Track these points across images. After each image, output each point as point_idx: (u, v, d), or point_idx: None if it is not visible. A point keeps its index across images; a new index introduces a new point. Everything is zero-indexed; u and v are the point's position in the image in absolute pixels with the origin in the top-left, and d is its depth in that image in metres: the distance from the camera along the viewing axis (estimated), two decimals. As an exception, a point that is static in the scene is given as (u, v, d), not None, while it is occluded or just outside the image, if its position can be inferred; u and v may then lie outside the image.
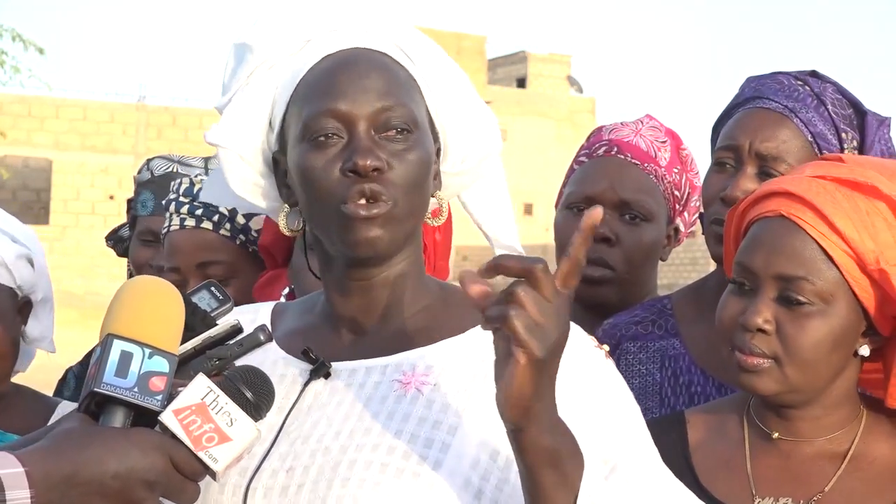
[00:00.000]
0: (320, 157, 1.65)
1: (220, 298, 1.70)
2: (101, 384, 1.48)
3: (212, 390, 1.50)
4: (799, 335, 1.92)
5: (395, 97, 1.67)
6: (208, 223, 2.72)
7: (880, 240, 1.91)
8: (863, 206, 1.93)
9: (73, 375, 3.16)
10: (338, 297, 1.73)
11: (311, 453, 1.61)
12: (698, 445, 2.06)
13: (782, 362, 1.93)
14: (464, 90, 1.77)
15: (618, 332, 2.51)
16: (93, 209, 35.68)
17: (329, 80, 1.67)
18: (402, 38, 1.73)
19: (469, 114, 1.77)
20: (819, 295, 1.92)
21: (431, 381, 1.64)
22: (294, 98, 1.70)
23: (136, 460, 1.45)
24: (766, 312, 1.94)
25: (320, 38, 1.72)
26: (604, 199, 2.68)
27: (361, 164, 1.62)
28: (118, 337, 1.51)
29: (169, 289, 1.59)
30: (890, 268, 1.90)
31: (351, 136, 1.65)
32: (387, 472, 1.56)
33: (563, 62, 56.85)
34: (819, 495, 1.95)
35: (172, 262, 2.73)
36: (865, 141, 2.32)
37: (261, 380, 1.55)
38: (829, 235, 1.91)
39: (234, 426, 1.49)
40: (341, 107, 1.65)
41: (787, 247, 1.94)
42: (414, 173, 1.66)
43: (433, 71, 1.74)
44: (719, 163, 2.34)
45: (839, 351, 1.94)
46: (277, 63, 1.73)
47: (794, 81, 2.34)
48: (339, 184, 1.64)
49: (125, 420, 1.50)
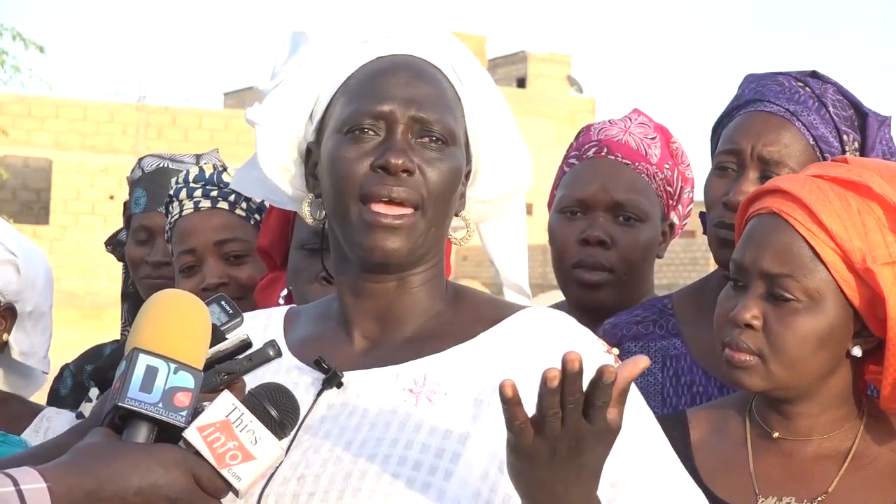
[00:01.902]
0: (354, 149, 1.67)
1: (230, 313, 1.68)
2: (126, 399, 1.48)
3: (236, 408, 1.49)
4: (784, 332, 1.93)
5: (439, 108, 1.69)
6: (224, 203, 2.73)
7: (870, 239, 1.91)
8: (855, 205, 1.93)
9: (69, 373, 3.15)
10: (351, 299, 1.74)
11: (323, 462, 1.61)
12: (700, 444, 2.06)
13: (767, 359, 1.94)
14: (504, 123, 1.79)
15: (619, 332, 2.51)
16: (93, 209, 35.64)
17: (377, 80, 1.70)
18: (455, 58, 1.76)
19: (505, 146, 1.79)
20: (806, 292, 1.92)
21: (442, 391, 1.64)
22: (340, 92, 1.72)
23: (158, 476, 1.45)
24: (754, 309, 1.95)
25: (376, 41, 1.74)
26: (596, 201, 2.67)
27: (394, 161, 1.64)
28: (144, 351, 1.51)
29: (197, 304, 1.58)
30: (877, 267, 1.90)
31: (388, 134, 1.67)
32: (397, 483, 1.57)
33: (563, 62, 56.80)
34: (823, 495, 1.96)
35: (187, 244, 2.72)
36: (867, 142, 2.32)
37: (286, 398, 1.55)
38: (818, 233, 1.92)
39: (259, 444, 1.49)
40: (385, 108, 1.67)
41: (775, 243, 1.95)
42: (443, 183, 1.68)
43: (479, 96, 1.76)
44: (721, 167, 2.34)
45: (826, 349, 1.94)
46: (330, 58, 1.75)
47: (794, 83, 2.34)
48: (366, 178, 1.66)
49: (149, 435, 1.49)
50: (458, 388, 1.64)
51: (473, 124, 1.75)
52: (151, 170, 3.12)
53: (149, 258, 3.04)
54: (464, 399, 1.64)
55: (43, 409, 2.71)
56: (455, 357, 1.68)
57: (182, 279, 2.72)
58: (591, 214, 2.68)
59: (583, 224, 2.68)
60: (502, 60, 55.20)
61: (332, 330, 1.76)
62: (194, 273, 2.71)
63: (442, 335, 1.70)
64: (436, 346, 1.69)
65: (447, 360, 1.67)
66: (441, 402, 1.64)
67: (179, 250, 2.73)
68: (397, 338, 1.72)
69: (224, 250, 2.70)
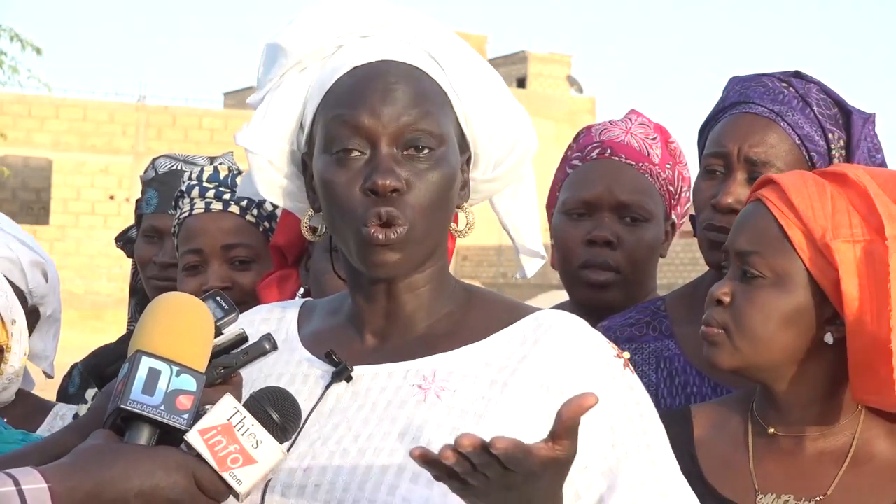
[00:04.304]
0: (342, 173, 1.66)
1: (225, 308, 1.68)
2: (128, 401, 1.48)
3: (238, 411, 1.50)
4: (746, 306, 1.98)
5: (421, 113, 1.66)
6: (235, 207, 2.71)
7: (836, 219, 1.95)
8: (830, 190, 1.98)
9: (77, 372, 3.17)
10: (363, 301, 1.74)
11: (330, 455, 1.62)
12: (702, 441, 2.08)
13: (732, 333, 1.98)
14: (497, 95, 1.76)
15: (613, 335, 2.49)
16: (93, 209, 35.62)
17: (354, 94, 1.67)
18: (434, 46, 1.73)
19: (502, 119, 1.76)
20: (772, 269, 1.97)
21: (451, 388, 1.64)
22: (322, 106, 1.70)
23: (160, 479, 1.45)
24: (727, 286, 2.01)
25: (352, 44, 1.72)
26: (601, 202, 2.69)
27: (381, 183, 1.62)
28: (147, 354, 1.51)
29: (200, 306, 1.59)
30: (836, 243, 1.92)
31: (373, 152, 1.66)
32: (403, 477, 1.57)
33: (563, 62, 56.73)
34: (822, 495, 1.97)
35: (193, 244, 2.71)
36: (852, 139, 2.33)
37: (287, 402, 1.55)
38: (787, 212, 1.97)
39: (260, 448, 1.49)
40: (364, 122, 1.65)
41: (748, 224, 2.02)
42: (435, 194, 1.66)
43: (465, 78, 1.73)
44: (709, 169, 2.35)
45: (792, 329, 1.97)
46: (309, 66, 1.73)
47: (778, 83, 2.35)
48: (359, 204, 1.64)
49: (150, 437, 1.50)
50: (468, 386, 1.64)
51: (464, 110, 1.72)
52: (164, 171, 3.13)
53: (157, 258, 3.04)
54: (472, 397, 1.63)
55: (55, 406, 2.73)
56: (466, 356, 1.68)
57: (185, 277, 2.72)
58: (596, 215, 2.70)
59: (588, 225, 2.70)
60: (502, 60, 55.12)
61: (345, 325, 1.77)
62: (197, 273, 2.70)
63: (453, 334, 1.71)
64: (447, 344, 1.69)
65: (458, 358, 1.68)
66: (449, 398, 1.63)
67: (185, 248, 2.73)
68: (408, 336, 1.72)
69: (230, 254, 2.68)
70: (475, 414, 1.62)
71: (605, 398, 1.62)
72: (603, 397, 1.61)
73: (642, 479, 1.61)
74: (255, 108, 1.77)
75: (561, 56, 56.99)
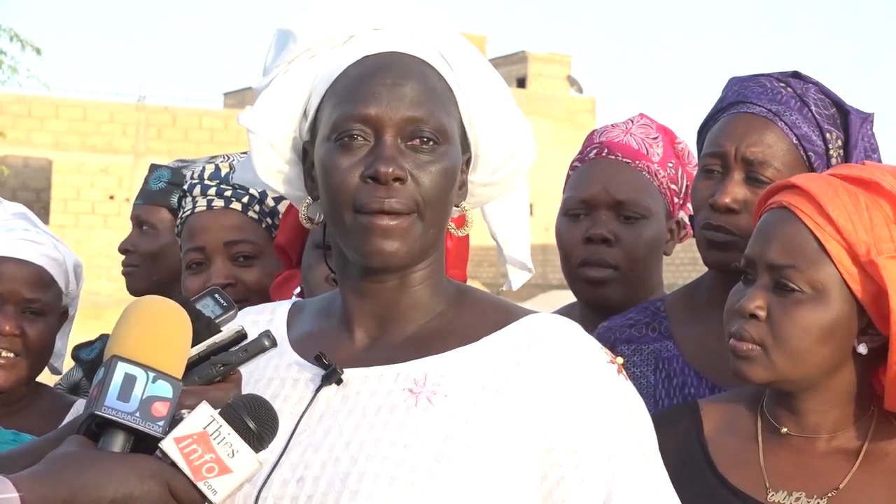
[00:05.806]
0: (345, 158, 1.65)
1: (224, 305, 1.68)
2: (103, 407, 1.46)
3: (214, 419, 1.48)
4: (786, 322, 1.94)
5: (427, 107, 1.66)
6: (237, 204, 2.72)
7: (876, 233, 1.93)
8: (863, 200, 1.95)
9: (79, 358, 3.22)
10: (353, 298, 1.73)
11: (322, 464, 1.60)
12: (712, 436, 2.07)
13: (769, 349, 1.95)
14: (502, 101, 1.76)
15: (612, 336, 2.52)
16: (93, 209, 35.60)
17: (363, 84, 1.67)
18: (444, 44, 1.73)
19: (505, 126, 1.76)
20: (810, 284, 1.94)
21: (443, 392, 1.63)
22: (329, 94, 1.70)
23: (133, 487, 1.43)
24: (759, 299, 1.97)
25: (363, 35, 1.71)
26: (598, 200, 2.72)
27: (383, 171, 1.62)
28: (122, 359, 1.49)
29: (178, 312, 1.56)
30: (881, 259, 1.90)
31: (377, 141, 1.65)
32: (395, 486, 1.56)
33: (563, 62, 56.77)
34: (833, 491, 1.97)
35: (196, 241, 2.71)
36: (850, 139, 2.33)
37: (264, 410, 1.53)
38: (824, 226, 1.94)
39: (236, 458, 1.47)
40: (371, 111, 1.65)
41: (781, 235, 1.97)
42: (437, 186, 1.66)
43: (472, 80, 1.73)
44: (706, 169, 2.35)
45: (830, 343, 1.95)
46: (319, 54, 1.73)
47: (776, 83, 2.35)
48: (358, 190, 1.64)
49: (125, 444, 1.47)
50: (459, 390, 1.63)
51: (468, 111, 1.72)
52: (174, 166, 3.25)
53: (121, 246, 3.24)
54: (464, 402, 1.62)
55: (76, 402, 2.74)
56: (457, 359, 1.66)
57: (188, 276, 2.72)
58: (594, 214, 2.73)
59: (587, 224, 2.73)
60: (502, 60, 55.15)
61: (335, 327, 1.75)
62: (201, 271, 2.70)
63: (444, 336, 1.69)
64: (438, 346, 1.68)
65: (449, 361, 1.66)
66: (441, 403, 1.62)
67: (188, 247, 2.73)
68: (399, 337, 1.71)
69: (233, 251, 2.69)
70: (466, 420, 1.61)
71: (600, 408, 1.63)
72: (597, 407, 1.63)
73: (640, 491, 1.62)
74: (260, 92, 1.76)
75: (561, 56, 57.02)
